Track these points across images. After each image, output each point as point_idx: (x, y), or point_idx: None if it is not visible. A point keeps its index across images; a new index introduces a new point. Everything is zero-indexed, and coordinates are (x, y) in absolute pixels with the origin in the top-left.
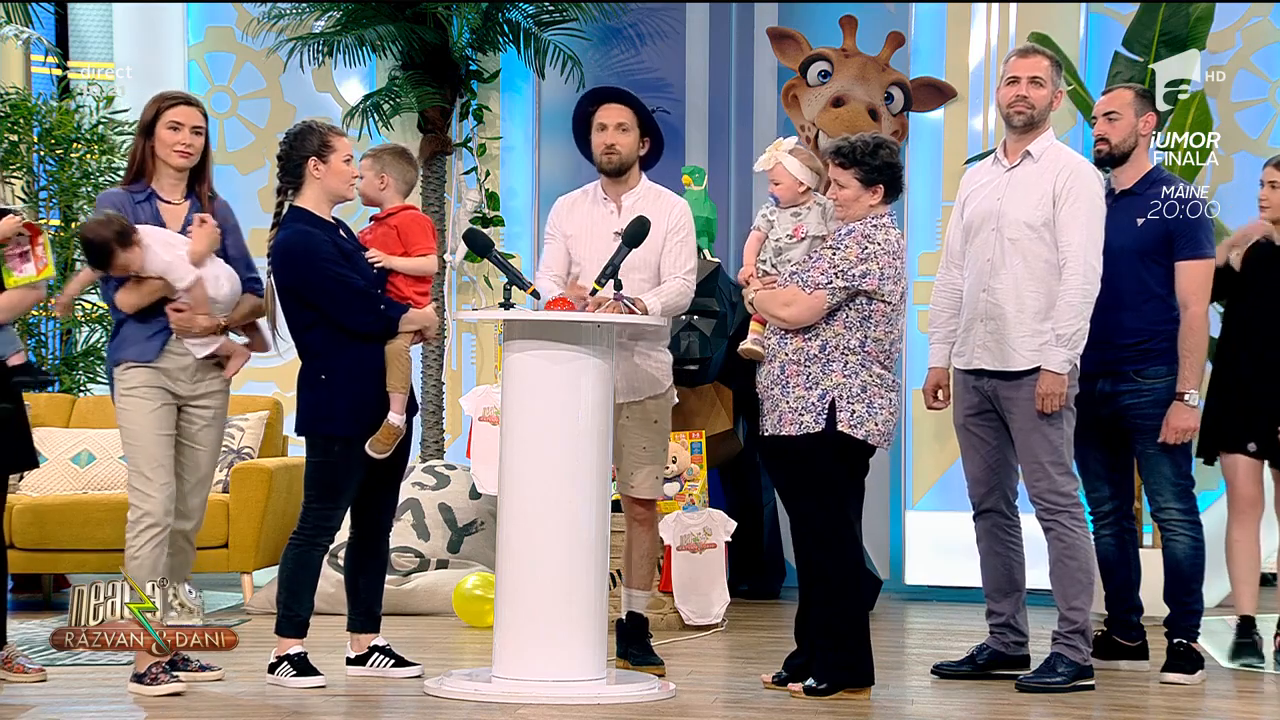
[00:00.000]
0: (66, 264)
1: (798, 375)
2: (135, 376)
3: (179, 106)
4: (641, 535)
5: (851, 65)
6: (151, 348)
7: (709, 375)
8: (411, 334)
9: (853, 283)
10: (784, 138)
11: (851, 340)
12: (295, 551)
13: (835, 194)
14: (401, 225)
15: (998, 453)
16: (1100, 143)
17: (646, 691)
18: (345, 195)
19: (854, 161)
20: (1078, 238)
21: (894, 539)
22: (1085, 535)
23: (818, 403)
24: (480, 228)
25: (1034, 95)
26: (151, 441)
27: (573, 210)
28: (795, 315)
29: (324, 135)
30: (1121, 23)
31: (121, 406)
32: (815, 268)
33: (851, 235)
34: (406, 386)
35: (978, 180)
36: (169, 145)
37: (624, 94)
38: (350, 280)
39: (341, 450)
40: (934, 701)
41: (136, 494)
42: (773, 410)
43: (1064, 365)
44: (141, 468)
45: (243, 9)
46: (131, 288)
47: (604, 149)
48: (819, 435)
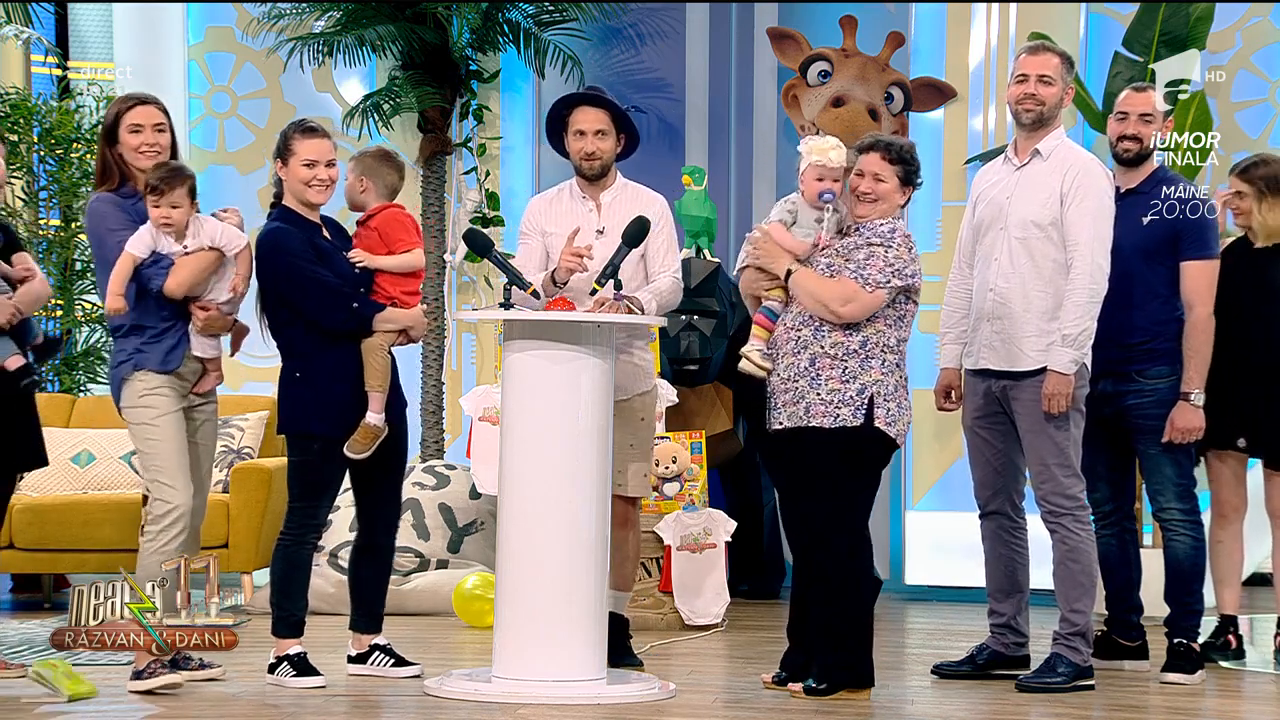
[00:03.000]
0: (66, 264)
1: (832, 368)
2: (154, 379)
3: (136, 108)
4: (625, 535)
5: (851, 65)
6: (175, 357)
7: (709, 375)
8: (392, 334)
9: (906, 281)
10: (833, 137)
11: (890, 338)
12: (283, 551)
13: (869, 185)
14: (381, 226)
15: (1004, 455)
16: (1132, 141)
17: (646, 691)
18: (307, 198)
19: (900, 159)
20: (1085, 236)
21: (894, 539)
22: (1089, 538)
23: (856, 397)
24: (480, 228)
25: (1042, 93)
26: (176, 440)
27: (551, 208)
28: (853, 313)
29: (289, 138)
30: (1121, 23)
31: (143, 406)
32: (872, 265)
33: (896, 234)
34: (384, 386)
35: (989, 179)
36: (133, 149)
37: (598, 98)
38: (321, 278)
39: (321, 449)
40: (934, 701)
41: (165, 490)
42: (795, 402)
43: (1070, 366)
44: (168, 465)
45: (243, 9)
46: (182, 264)
47: (584, 155)
48: (854, 430)
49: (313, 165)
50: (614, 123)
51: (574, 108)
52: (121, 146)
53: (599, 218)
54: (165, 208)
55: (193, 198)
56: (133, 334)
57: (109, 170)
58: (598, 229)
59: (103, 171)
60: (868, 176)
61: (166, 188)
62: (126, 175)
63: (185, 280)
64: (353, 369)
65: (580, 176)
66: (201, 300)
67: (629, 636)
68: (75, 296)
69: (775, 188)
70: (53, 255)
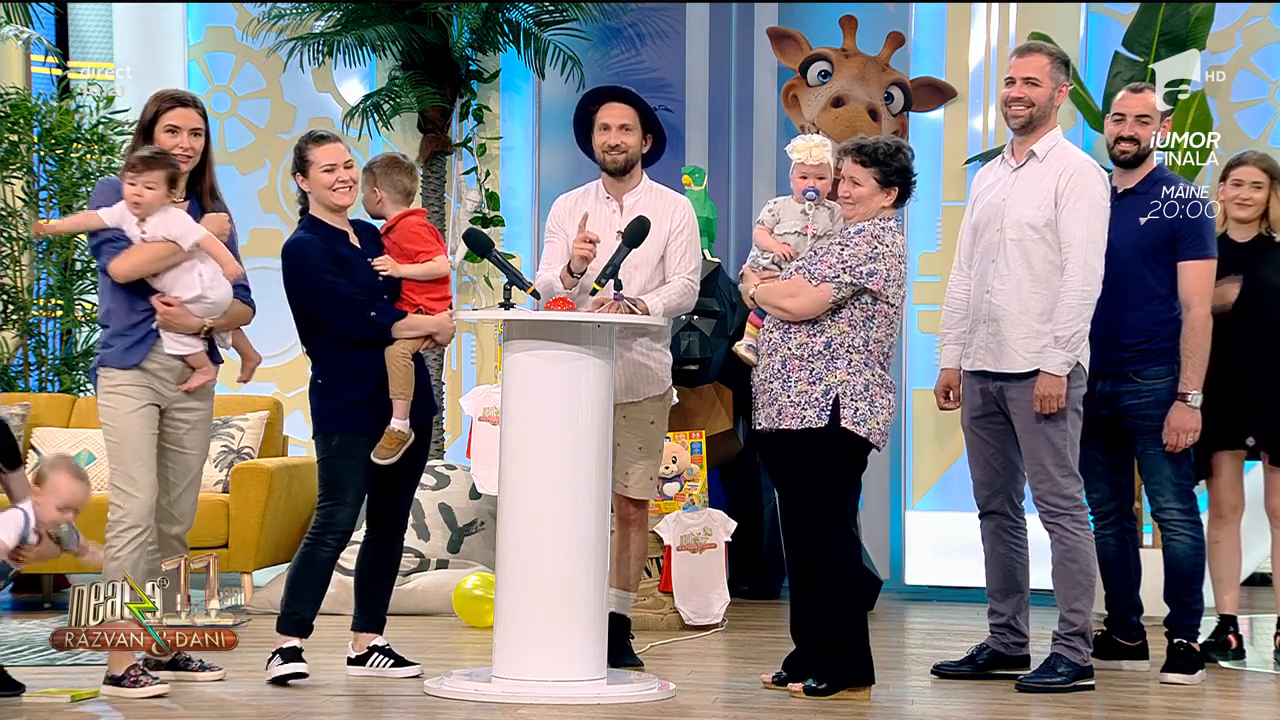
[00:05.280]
0: (66, 264)
1: (800, 370)
2: (119, 376)
3: (177, 109)
4: (631, 536)
5: (851, 65)
6: (136, 353)
7: (709, 375)
8: (416, 340)
9: (859, 280)
10: (818, 135)
11: (855, 339)
12: (301, 550)
13: (847, 190)
14: (401, 236)
15: (1003, 455)
16: (1129, 143)
17: (646, 691)
18: (333, 202)
19: (875, 161)
20: (1079, 238)
21: (894, 539)
22: (1088, 538)
23: (821, 398)
24: (480, 228)
25: (1030, 95)
26: (136, 440)
27: (575, 209)
28: (799, 307)
29: (303, 149)
30: (1121, 23)
31: (105, 404)
32: (822, 261)
33: (861, 234)
34: (408, 393)
35: (986, 180)
36: (168, 149)
37: (627, 93)
38: (338, 287)
39: (339, 445)
40: (934, 701)
41: (119, 494)
42: (770, 404)
43: (1062, 367)
44: (127, 467)
45: (243, 9)
46: (130, 252)
47: (608, 149)
48: (821, 431)
49: (332, 169)
50: (641, 120)
51: (601, 103)
52: (155, 144)
53: (622, 219)
54: (140, 186)
55: (171, 187)
56: (104, 329)
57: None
58: (619, 230)
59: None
60: (846, 181)
61: (145, 167)
62: None
63: (132, 266)
64: (372, 375)
65: (605, 172)
66: (162, 294)
67: (631, 637)
68: (75, 296)
69: (775, 188)
70: (53, 255)
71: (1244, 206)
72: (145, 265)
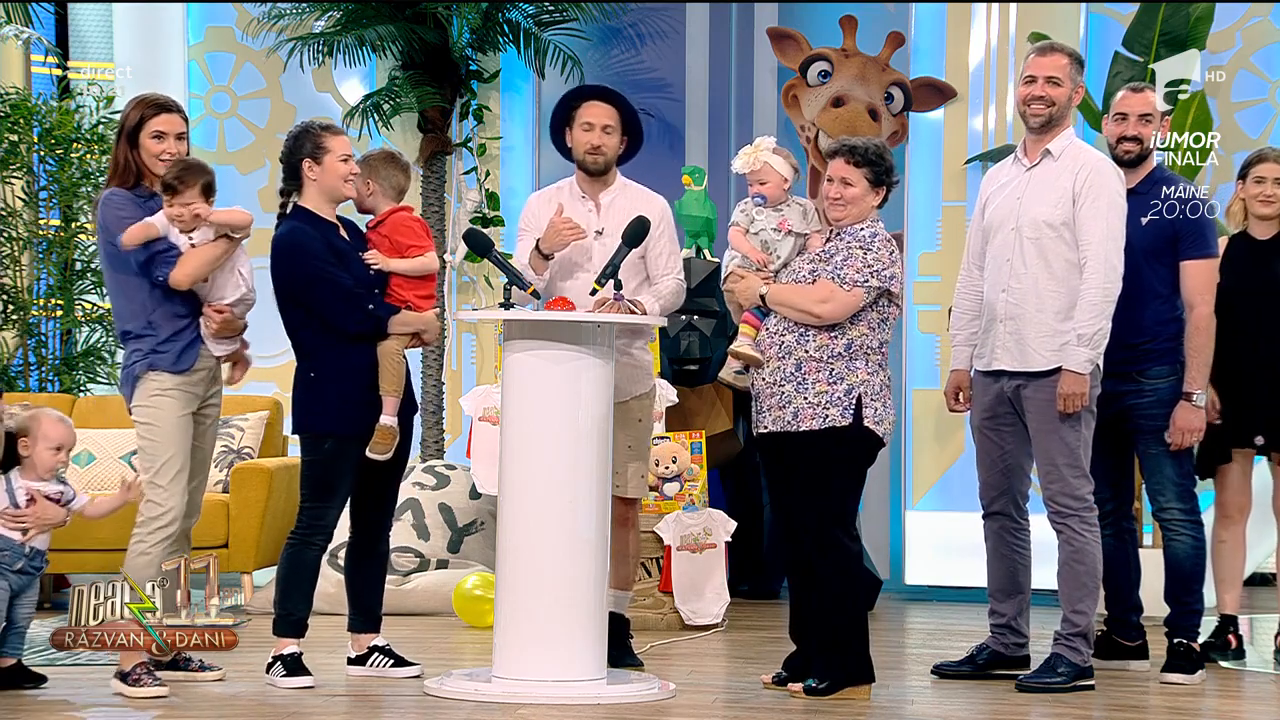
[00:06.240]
0: (66, 264)
1: (817, 371)
2: (169, 380)
3: (162, 115)
4: (624, 535)
5: (851, 65)
6: (189, 357)
7: (709, 375)
8: (406, 337)
9: (884, 283)
10: (763, 138)
11: (873, 340)
12: (289, 551)
13: (838, 191)
14: (392, 231)
15: (1011, 457)
16: (1133, 142)
17: (646, 691)
18: (343, 193)
19: (866, 161)
20: (1098, 236)
21: (894, 539)
22: (1095, 540)
23: (844, 397)
24: (480, 228)
25: (1052, 94)
26: (181, 443)
27: (550, 206)
28: (831, 312)
29: (318, 136)
30: (1121, 23)
31: (152, 407)
32: (849, 266)
33: (877, 238)
34: (399, 389)
35: (998, 180)
36: (154, 155)
37: (611, 93)
38: (338, 279)
39: (332, 448)
40: (934, 701)
41: (160, 492)
42: (783, 406)
43: (1085, 365)
44: (169, 468)
45: (243, 9)
46: (185, 260)
47: (589, 149)
48: (843, 430)
49: (348, 159)
50: (621, 122)
51: (584, 101)
52: (142, 151)
53: (598, 218)
54: (177, 208)
55: (207, 196)
56: (147, 336)
57: (127, 170)
58: (597, 229)
59: (120, 170)
60: (836, 182)
61: (182, 186)
62: (143, 176)
63: (192, 271)
64: (366, 370)
65: (582, 171)
66: (211, 301)
67: (630, 636)
68: (75, 296)
69: None
70: (53, 255)
71: (1267, 203)
72: (204, 268)
